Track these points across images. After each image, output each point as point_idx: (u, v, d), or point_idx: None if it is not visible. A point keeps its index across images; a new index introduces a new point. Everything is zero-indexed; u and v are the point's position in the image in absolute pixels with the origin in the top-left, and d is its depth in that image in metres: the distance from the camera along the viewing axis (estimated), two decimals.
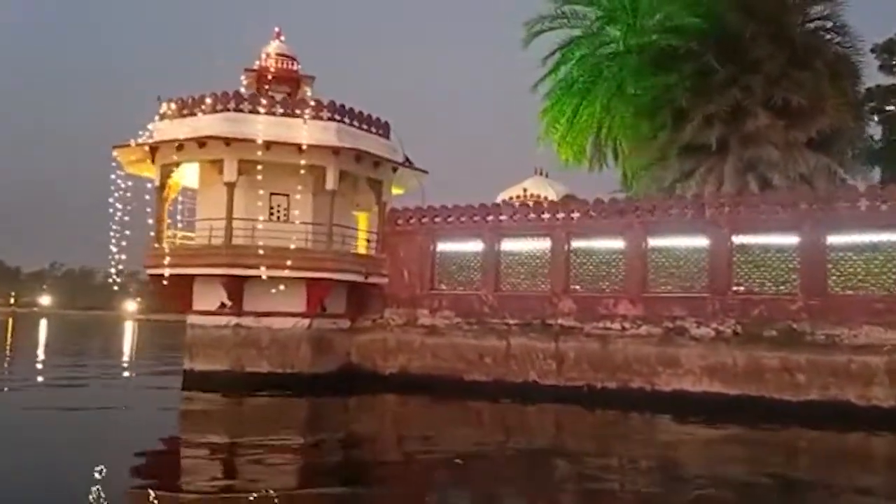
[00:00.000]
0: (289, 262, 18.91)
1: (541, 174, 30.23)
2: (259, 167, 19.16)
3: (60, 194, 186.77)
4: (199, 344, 20.17)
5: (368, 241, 21.73)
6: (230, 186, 19.25)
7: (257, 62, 22.34)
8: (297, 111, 19.82)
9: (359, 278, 20.57)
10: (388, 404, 19.84)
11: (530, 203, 23.35)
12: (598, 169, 28.33)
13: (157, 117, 20.69)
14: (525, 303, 19.59)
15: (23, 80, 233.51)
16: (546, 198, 26.20)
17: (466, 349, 20.05)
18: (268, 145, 19.13)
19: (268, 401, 19.23)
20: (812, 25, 20.44)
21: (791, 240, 17.00)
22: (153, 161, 20.68)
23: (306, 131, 19.50)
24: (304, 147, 19.10)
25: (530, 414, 18.51)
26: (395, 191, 23.20)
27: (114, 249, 21.04)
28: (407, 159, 22.09)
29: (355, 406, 19.68)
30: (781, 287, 17.06)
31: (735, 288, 17.39)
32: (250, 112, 19.58)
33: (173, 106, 20.31)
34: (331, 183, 19.84)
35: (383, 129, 21.62)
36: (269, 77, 21.85)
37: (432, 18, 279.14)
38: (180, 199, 22.31)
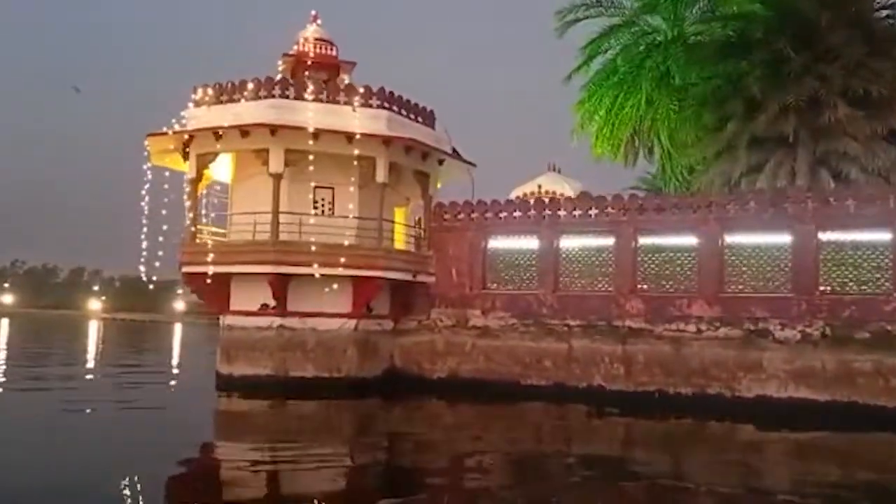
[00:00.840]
0: (343, 260, 17.58)
1: (554, 170, 29.29)
2: (309, 157, 17.87)
3: (21, 191, 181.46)
4: (238, 347, 18.77)
5: (416, 237, 20.40)
6: (276, 178, 17.87)
7: (294, 47, 20.97)
8: (346, 98, 18.49)
9: (408, 277, 19.32)
10: (437, 410, 18.61)
11: (549, 196, 22.27)
12: (633, 163, 27.56)
13: (190, 104, 19.23)
14: (587, 303, 18.50)
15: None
16: (563, 194, 25.19)
17: (523, 352, 18.91)
18: (316, 135, 17.80)
19: (313, 406, 17.95)
20: (885, 13, 19.67)
21: (883, 236, 16.14)
22: (185, 151, 19.22)
23: (357, 120, 18.20)
24: (358, 136, 17.78)
25: (595, 420, 17.44)
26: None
27: (144, 245, 19.56)
28: (454, 150, 20.86)
29: (403, 412, 18.37)
30: (873, 286, 16.21)
31: (822, 287, 16.49)
32: (295, 98, 18.21)
33: (210, 91, 18.85)
34: (381, 175, 18.54)
35: (429, 119, 20.38)
36: (309, 63, 20.49)
37: (430, 18, 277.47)
38: (203, 192, 20.90)
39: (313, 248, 17.45)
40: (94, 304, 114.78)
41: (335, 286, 18.02)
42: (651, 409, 17.30)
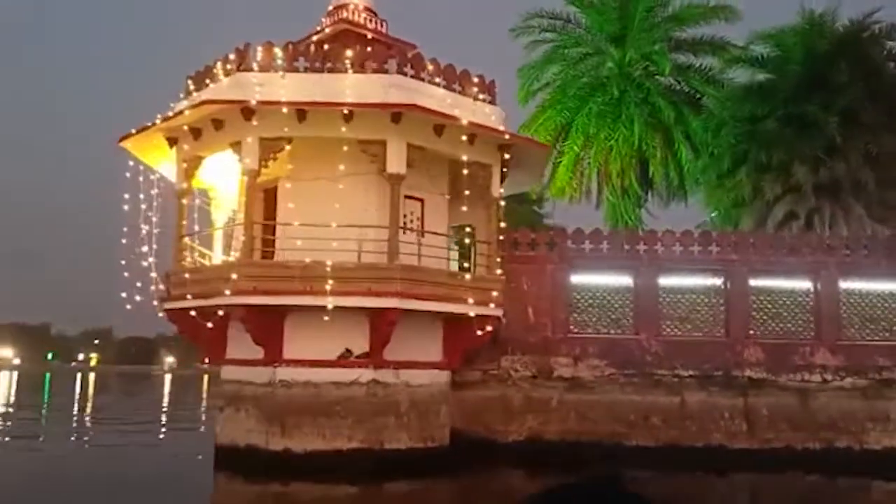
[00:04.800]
0: (494, 294, 13.50)
1: None
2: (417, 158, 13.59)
3: None
4: (302, 412, 13.36)
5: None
6: (396, 181, 13.22)
7: (329, 18, 16.14)
8: (460, 87, 14.49)
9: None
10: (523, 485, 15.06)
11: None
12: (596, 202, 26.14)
13: (221, 65, 13.74)
14: (699, 350, 16.49)
15: None
16: None
17: (627, 407, 16.22)
18: (439, 130, 13.61)
19: (413, 490, 13.48)
20: None
21: None
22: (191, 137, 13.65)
23: (479, 116, 14.32)
24: (507, 136, 13.98)
25: (719, 486, 15.39)
26: None
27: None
28: None
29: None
30: None
31: None
32: (413, 78, 13.79)
33: (278, 54, 13.48)
34: (496, 188, 14.79)
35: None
36: (368, 37, 15.83)
37: None
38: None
39: (467, 276, 13.15)
40: None
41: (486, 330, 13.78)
42: (778, 467, 15.71)
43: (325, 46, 14.48)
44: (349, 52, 13.48)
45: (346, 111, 12.79)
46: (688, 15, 23.99)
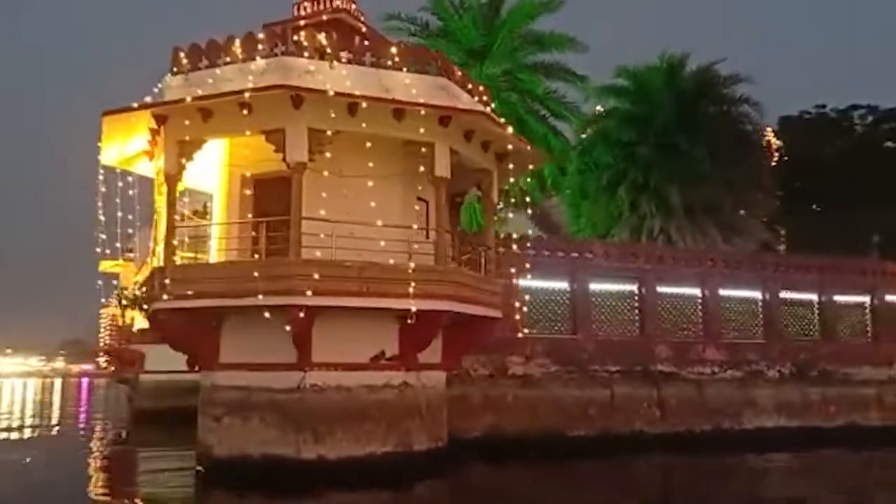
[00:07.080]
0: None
1: None
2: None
3: None
4: (334, 417, 12.76)
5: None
6: (440, 184, 13.25)
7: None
8: (473, 93, 14.88)
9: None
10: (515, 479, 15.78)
11: None
12: None
13: (242, 44, 12.73)
14: (623, 348, 18.60)
15: None
16: None
17: (570, 401, 17.77)
18: (469, 136, 13.95)
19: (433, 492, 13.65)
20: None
21: (814, 297, 21.06)
22: (202, 118, 12.59)
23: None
24: (528, 149, 14.64)
25: (641, 468, 17.49)
26: None
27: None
28: None
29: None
30: (812, 335, 20.90)
31: (785, 336, 20.45)
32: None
33: (322, 40, 12.75)
34: (496, 193, 15.44)
35: None
36: (363, 31, 15.39)
37: None
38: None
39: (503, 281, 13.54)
40: None
41: None
42: (684, 448, 18.32)
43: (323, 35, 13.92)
44: (393, 49, 13.23)
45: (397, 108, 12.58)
46: (547, 41, 26.18)
